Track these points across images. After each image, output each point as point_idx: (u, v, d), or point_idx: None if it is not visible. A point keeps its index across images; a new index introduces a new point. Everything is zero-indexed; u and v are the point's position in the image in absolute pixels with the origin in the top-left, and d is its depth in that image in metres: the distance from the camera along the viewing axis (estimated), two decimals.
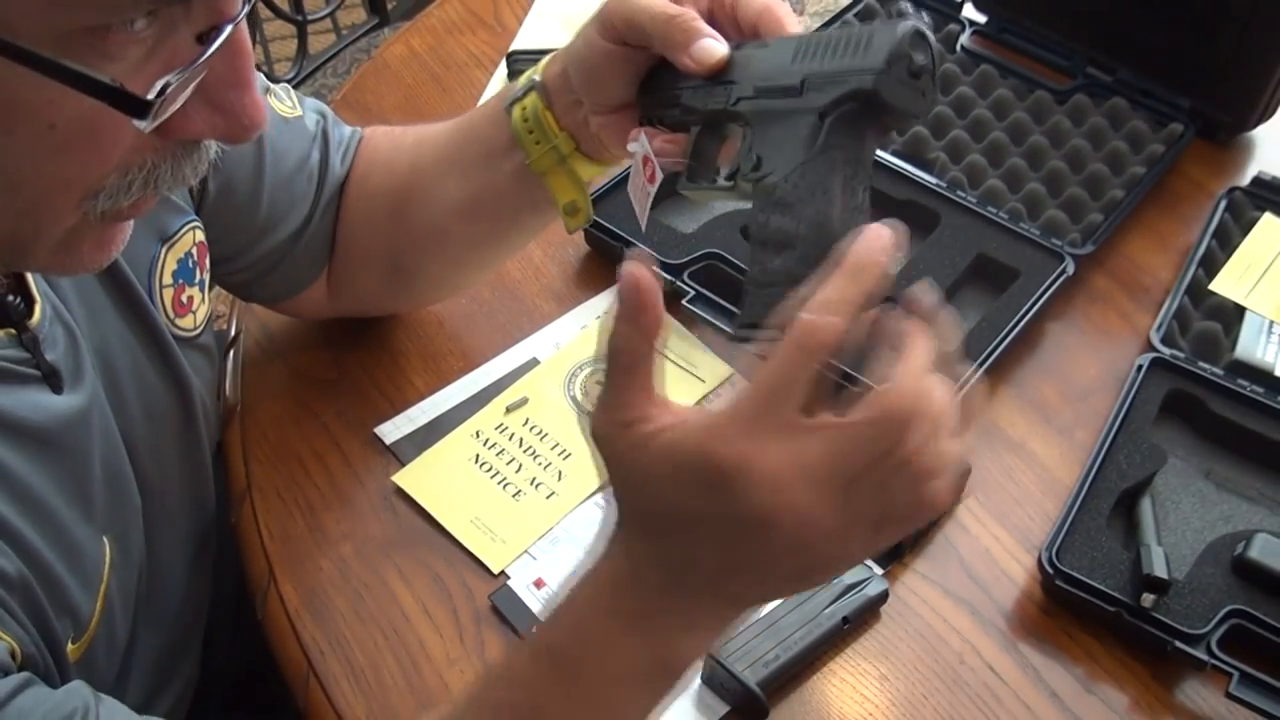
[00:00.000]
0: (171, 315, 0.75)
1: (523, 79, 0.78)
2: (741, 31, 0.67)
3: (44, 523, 0.61)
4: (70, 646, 0.64)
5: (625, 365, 0.54)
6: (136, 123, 0.48)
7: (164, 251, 0.74)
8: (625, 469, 0.55)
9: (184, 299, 0.76)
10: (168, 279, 0.75)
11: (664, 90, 0.69)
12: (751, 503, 0.51)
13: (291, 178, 0.84)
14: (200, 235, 0.78)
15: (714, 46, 0.64)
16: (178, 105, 0.50)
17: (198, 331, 0.79)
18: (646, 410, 0.53)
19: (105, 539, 0.67)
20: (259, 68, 0.85)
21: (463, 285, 0.97)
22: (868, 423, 0.51)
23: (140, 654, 0.77)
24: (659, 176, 0.68)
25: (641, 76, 0.70)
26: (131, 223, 0.59)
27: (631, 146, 0.67)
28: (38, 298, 0.63)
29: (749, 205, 0.59)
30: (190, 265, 0.77)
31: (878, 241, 0.52)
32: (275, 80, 0.95)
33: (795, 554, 0.52)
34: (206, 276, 0.79)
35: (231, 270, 0.86)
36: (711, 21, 0.67)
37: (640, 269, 0.53)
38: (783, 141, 0.56)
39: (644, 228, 0.78)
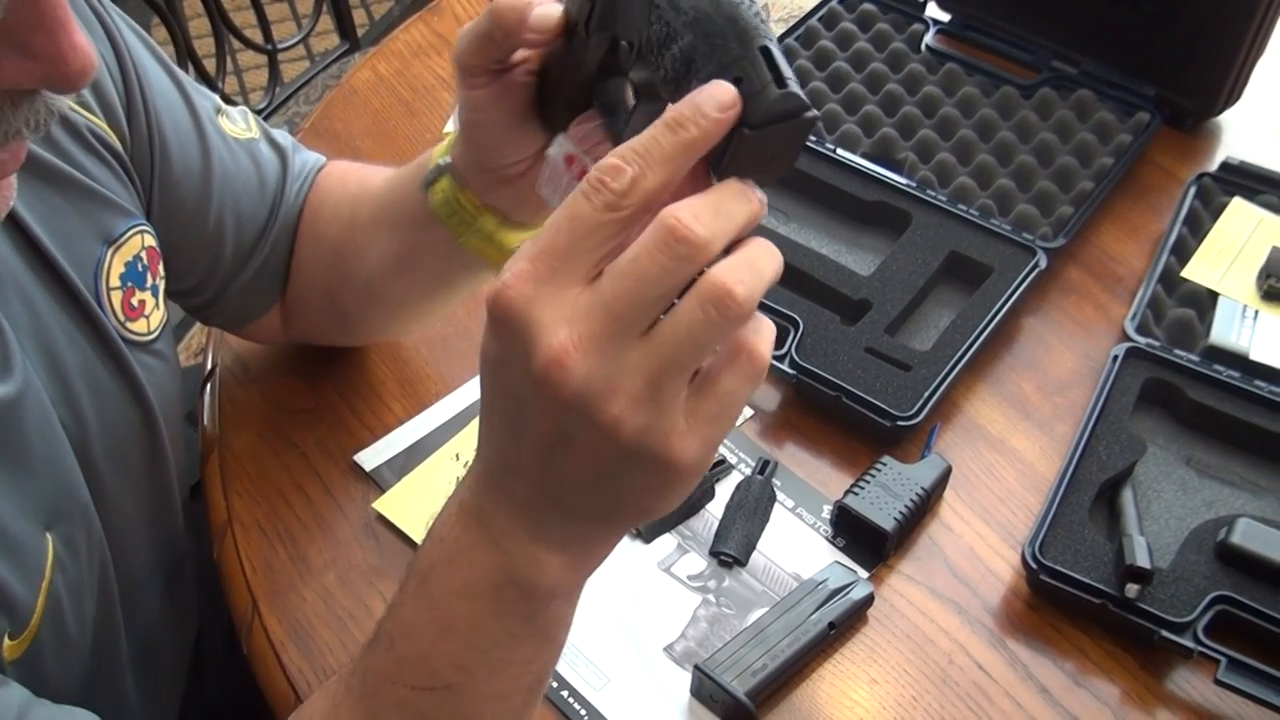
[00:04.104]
0: (121, 318, 0.74)
1: (434, 158, 0.75)
2: None
3: None
4: (8, 643, 0.62)
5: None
6: None
7: (109, 254, 0.73)
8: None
9: (134, 302, 0.75)
10: (115, 281, 0.74)
11: (552, 94, 0.66)
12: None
13: (239, 197, 0.84)
14: (150, 240, 0.77)
15: (547, 9, 0.62)
16: None
17: (152, 336, 0.77)
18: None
19: (49, 535, 0.66)
20: (232, 97, 0.86)
21: (406, 332, 0.97)
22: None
23: (118, 680, 0.76)
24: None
25: (522, 108, 0.67)
26: (8, 184, 0.55)
27: (551, 151, 0.61)
28: None
29: None
30: (140, 269, 0.76)
31: (711, 98, 0.45)
32: (253, 109, 0.95)
33: (636, 439, 0.46)
34: (160, 283, 0.78)
35: (185, 290, 0.86)
36: None
37: None
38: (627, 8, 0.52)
39: None
